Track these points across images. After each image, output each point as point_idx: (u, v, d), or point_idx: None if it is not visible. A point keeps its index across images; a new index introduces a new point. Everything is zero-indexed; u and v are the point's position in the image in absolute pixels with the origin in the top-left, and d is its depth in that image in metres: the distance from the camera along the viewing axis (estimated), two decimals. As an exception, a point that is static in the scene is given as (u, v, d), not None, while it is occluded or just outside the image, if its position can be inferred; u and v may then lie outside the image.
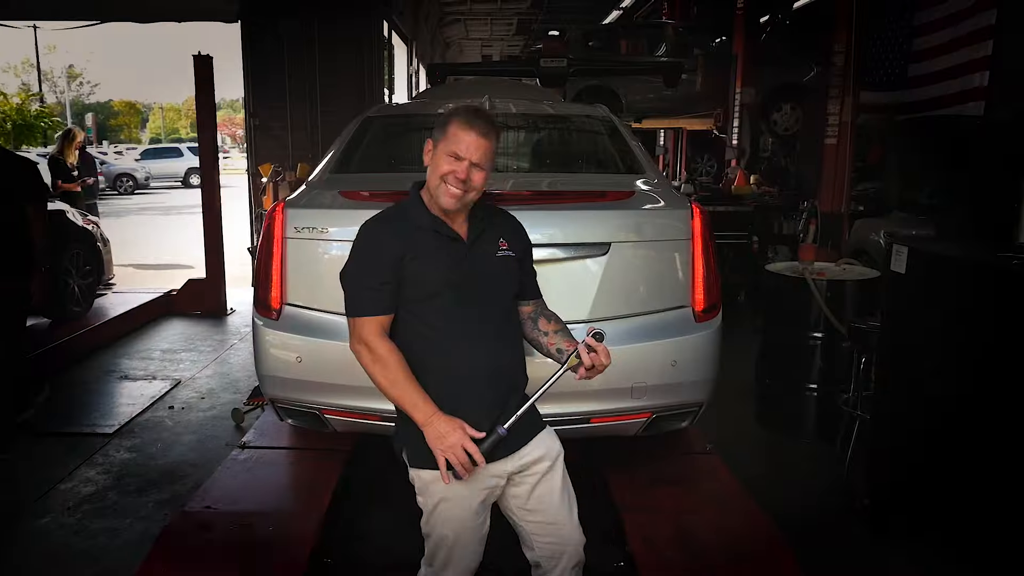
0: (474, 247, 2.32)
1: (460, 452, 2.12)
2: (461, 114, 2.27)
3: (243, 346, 6.96)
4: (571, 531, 2.36)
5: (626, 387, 3.01)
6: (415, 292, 2.25)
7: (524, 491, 2.33)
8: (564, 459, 2.38)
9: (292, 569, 2.89)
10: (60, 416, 5.23)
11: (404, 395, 2.19)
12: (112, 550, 3.56)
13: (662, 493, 3.40)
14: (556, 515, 2.34)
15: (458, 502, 2.25)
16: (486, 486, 2.27)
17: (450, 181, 2.22)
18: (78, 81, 57.90)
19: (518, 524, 2.39)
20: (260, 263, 3.23)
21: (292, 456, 3.88)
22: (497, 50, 23.48)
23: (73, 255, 7.09)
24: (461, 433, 2.14)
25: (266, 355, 3.22)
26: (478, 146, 2.22)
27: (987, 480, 2.88)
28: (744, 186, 8.66)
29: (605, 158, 4.00)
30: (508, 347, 2.36)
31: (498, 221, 2.45)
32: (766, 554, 2.96)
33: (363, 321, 2.24)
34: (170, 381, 5.93)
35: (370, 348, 2.22)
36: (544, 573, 2.40)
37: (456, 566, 2.35)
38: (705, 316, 3.18)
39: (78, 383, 5.94)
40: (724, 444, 4.08)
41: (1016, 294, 2.73)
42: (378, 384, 2.23)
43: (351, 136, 4.06)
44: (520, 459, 2.30)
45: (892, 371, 3.50)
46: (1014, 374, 2.72)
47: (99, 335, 6.93)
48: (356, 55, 9.81)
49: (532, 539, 2.37)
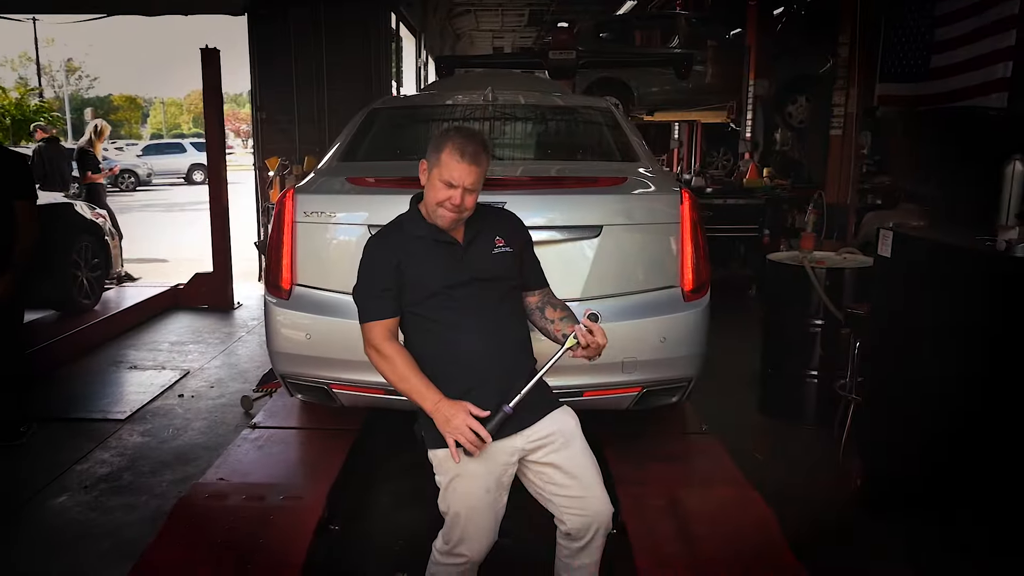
0: (469, 248, 2.67)
1: (466, 431, 2.45)
2: (453, 142, 2.56)
3: (251, 339, 7.31)
4: (599, 503, 2.63)
5: (617, 362, 3.32)
6: (416, 294, 2.62)
7: (545, 468, 2.63)
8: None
9: (301, 534, 3.20)
10: (71, 403, 5.61)
11: (411, 388, 2.55)
12: (129, 524, 3.91)
13: (656, 468, 3.71)
14: (582, 489, 2.62)
15: (470, 479, 2.57)
16: (497, 463, 2.58)
17: (446, 207, 2.56)
18: (77, 75, 58.66)
19: (548, 501, 2.68)
20: (271, 246, 3.57)
21: (301, 435, 4.21)
22: (509, 41, 23.71)
23: (82, 248, 7.47)
24: (465, 414, 2.47)
25: (277, 333, 3.57)
26: (469, 173, 2.54)
27: (964, 455, 3.17)
28: (756, 179, 8.95)
29: (603, 147, 4.33)
30: (510, 334, 2.69)
31: (494, 220, 2.78)
32: (751, 522, 3.26)
33: (370, 326, 2.61)
34: (179, 371, 6.29)
35: (378, 350, 2.59)
36: (574, 542, 2.68)
37: (469, 543, 2.64)
38: (693, 296, 3.49)
39: (87, 373, 6.31)
40: (724, 430, 4.34)
41: (987, 274, 3.03)
42: (389, 380, 2.60)
43: (358, 127, 4.40)
44: (530, 436, 2.61)
45: (880, 352, 3.80)
46: (988, 353, 3.01)
47: (107, 328, 7.30)
48: (363, 44, 10.15)
49: (562, 513, 2.65)
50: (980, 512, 3.07)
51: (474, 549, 2.65)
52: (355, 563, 3.46)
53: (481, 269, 2.65)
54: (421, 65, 16.20)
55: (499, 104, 4.46)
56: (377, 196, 3.53)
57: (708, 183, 9.15)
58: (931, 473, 3.38)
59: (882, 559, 3.51)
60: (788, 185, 8.88)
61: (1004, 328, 2.90)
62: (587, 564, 2.72)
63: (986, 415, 3.02)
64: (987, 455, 3.02)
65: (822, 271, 4.83)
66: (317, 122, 10.00)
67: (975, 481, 3.09)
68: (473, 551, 2.65)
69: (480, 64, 12.09)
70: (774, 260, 5.18)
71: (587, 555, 2.70)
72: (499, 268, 2.69)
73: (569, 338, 2.53)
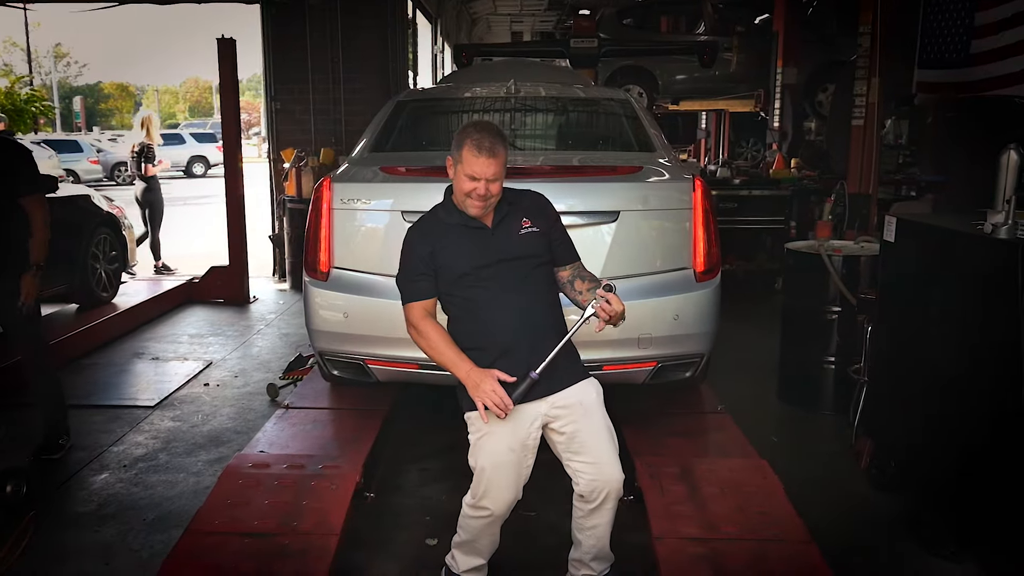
0: (497, 231, 3.20)
1: (493, 396, 2.98)
2: (470, 138, 3.07)
3: (270, 331, 7.90)
4: (611, 470, 3.15)
5: (634, 338, 3.88)
6: (449, 276, 3.16)
7: (566, 434, 3.17)
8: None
9: (340, 499, 3.77)
10: (99, 391, 6.20)
11: (446, 359, 3.10)
12: (171, 498, 4.46)
13: (671, 441, 4.28)
14: (597, 456, 3.15)
15: (495, 437, 3.11)
16: (522, 425, 3.12)
17: (473, 197, 3.09)
18: (65, 62, 59.72)
19: (565, 463, 3.23)
20: (309, 231, 4.17)
21: (333, 415, 4.80)
22: (528, 26, 24.23)
23: (100, 240, 8.08)
24: (492, 381, 3.00)
25: (316, 312, 4.17)
26: (489, 165, 3.05)
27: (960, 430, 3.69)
28: (783, 170, 9.46)
29: (622, 138, 4.90)
30: (539, 307, 3.22)
31: (522, 203, 3.30)
32: (758, 487, 3.81)
33: (409, 307, 3.17)
34: (202, 362, 6.87)
35: (417, 328, 3.15)
36: (586, 504, 3.23)
37: (493, 497, 3.17)
38: (704, 277, 4.08)
39: (110, 364, 6.90)
40: (743, 416, 4.88)
41: (976, 256, 3.55)
42: (427, 354, 3.15)
43: (385, 119, 4.99)
44: (554, 402, 3.14)
45: (883, 333, 4.33)
46: (979, 332, 3.53)
47: (124, 321, 7.89)
48: (379, 32, 10.56)
49: (576, 476, 3.19)
50: (976, 489, 3.59)
51: (497, 503, 3.18)
52: (388, 530, 4.02)
53: (507, 250, 3.18)
54: (437, 52, 16.73)
55: (521, 96, 5.04)
56: (408, 184, 4.11)
57: (734, 174, 9.64)
58: (931, 448, 3.90)
59: (883, 530, 4.03)
60: (816, 176, 9.36)
61: (989, 307, 3.42)
62: (598, 525, 3.25)
63: (979, 394, 3.53)
64: (979, 431, 3.54)
65: (839, 259, 5.34)
66: (332, 113, 10.48)
67: (971, 456, 3.60)
68: (496, 504, 3.19)
69: (500, 52, 12.62)
70: (792, 248, 5.70)
71: (598, 516, 3.22)
72: (525, 248, 3.21)
73: (587, 308, 3.06)
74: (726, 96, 13.18)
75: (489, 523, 3.27)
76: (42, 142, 25.66)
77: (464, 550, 3.39)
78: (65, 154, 26.20)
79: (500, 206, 3.21)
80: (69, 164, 25.81)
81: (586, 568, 3.34)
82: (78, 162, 26.82)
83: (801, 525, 3.52)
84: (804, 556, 3.33)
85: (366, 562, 3.74)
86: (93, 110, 59.19)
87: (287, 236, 9.71)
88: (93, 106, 60.33)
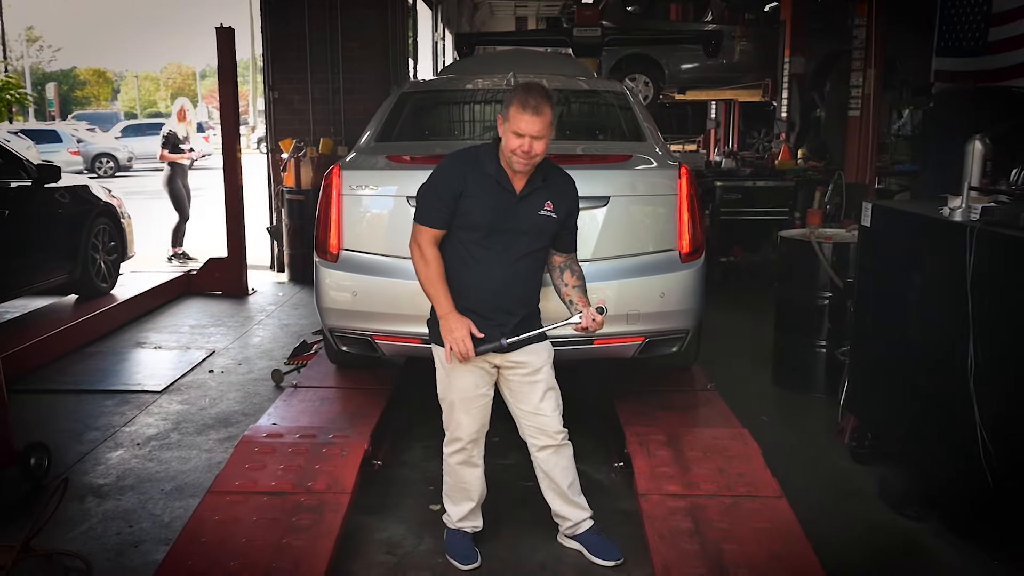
0: (522, 202, 3.69)
1: (461, 344, 3.57)
2: (518, 97, 3.55)
3: (270, 322, 8.53)
4: (550, 422, 3.83)
5: (623, 314, 4.52)
6: (463, 223, 3.65)
7: (513, 384, 3.83)
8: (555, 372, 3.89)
9: (350, 464, 4.41)
10: (106, 377, 6.83)
11: (434, 291, 3.65)
12: (185, 472, 5.06)
13: (661, 415, 4.94)
14: (536, 407, 3.82)
15: (460, 373, 3.73)
16: (481, 367, 3.75)
17: (518, 153, 3.57)
18: (37, 46, 60.23)
19: (511, 409, 3.90)
20: (320, 215, 4.82)
21: (340, 393, 5.46)
22: (532, 11, 24.78)
23: (99, 230, 8.68)
24: (465, 331, 3.59)
25: (326, 291, 4.83)
26: (534, 123, 3.51)
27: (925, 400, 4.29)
28: (788, 160, 10.06)
29: (616, 128, 5.56)
30: (525, 281, 3.80)
31: (555, 183, 3.80)
32: (739, 452, 4.45)
33: (422, 228, 3.67)
34: (205, 351, 7.49)
35: (421, 249, 3.66)
36: (530, 449, 3.94)
37: (462, 425, 3.83)
38: (689, 258, 4.74)
39: (114, 352, 7.53)
40: (736, 399, 5.49)
41: (938, 237, 4.17)
42: (419, 277, 3.68)
43: (390, 110, 5.64)
44: (507, 357, 3.76)
45: (863, 314, 4.95)
46: (940, 308, 4.13)
47: (122, 312, 8.46)
48: (380, 19, 10.95)
49: (519, 422, 3.91)
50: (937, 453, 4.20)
51: (465, 431, 3.84)
52: (396, 497, 4.64)
53: (522, 223, 3.68)
54: (438, 39, 17.29)
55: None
56: (412, 172, 4.75)
57: (740, 165, 10.22)
58: (900, 419, 4.52)
59: (855, 496, 4.65)
60: (821, 167, 9.93)
61: (947, 285, 4.02)
62: (551, 471, 3.91)
63: (940, 367, 4.11)
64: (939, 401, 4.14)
65: (829, 246, 5.96)
66: (332, 102, 10.95)
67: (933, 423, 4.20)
68: (465, 432, 3.84)
69: (501, 41, 13.18)
70: (785, 236, 6.33)
71: (551, 463, 3.89)
72: (538, 227, 3.72)
73: (576, 316, 3.71)
74: (734, 86, 13.76)
75: (466, 456, 3.92)
76: (19, 132, 25.98)
77: (454, 498, 4.03)
78: (43, 144, 26.40)
79: (535, 175, 3.69)
80: (48, 155, 26.04)
81: (562, 520, 4.01)
82: (57, 153, 26.92)
83: (774, 483, 4.17)
84: (774, 509, 3.98)
85: (377, 523, 4.35)
86: (68, 97, 59.72)
87: (286, 228, 10.27)
88: (68, 93, 60.86)
